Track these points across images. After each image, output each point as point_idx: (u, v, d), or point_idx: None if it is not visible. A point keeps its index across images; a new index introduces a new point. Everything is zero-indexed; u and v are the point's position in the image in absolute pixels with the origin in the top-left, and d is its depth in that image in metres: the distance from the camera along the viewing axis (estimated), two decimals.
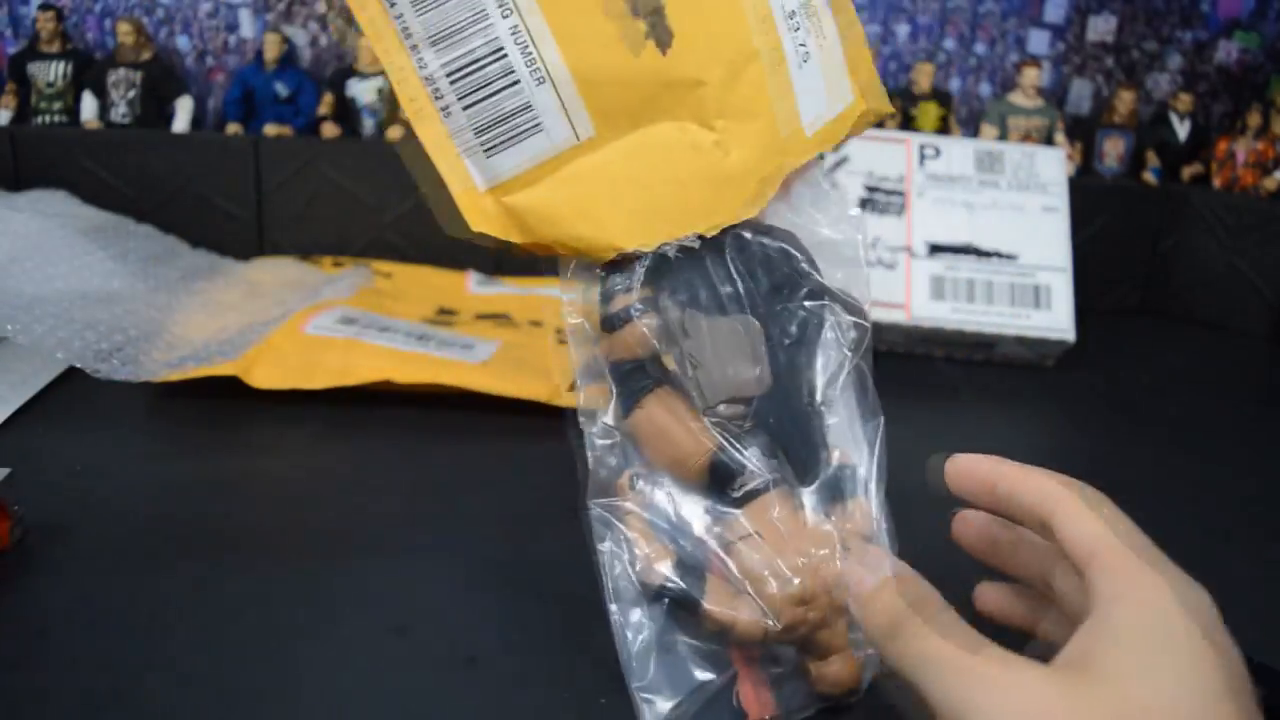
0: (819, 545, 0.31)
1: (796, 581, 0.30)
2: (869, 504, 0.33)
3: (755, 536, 0.31)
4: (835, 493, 0.33)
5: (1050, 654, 0.23)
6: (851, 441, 0.34)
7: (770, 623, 0.30)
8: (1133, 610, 0.22)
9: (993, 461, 0.28)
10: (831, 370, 0.34)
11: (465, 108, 0.31)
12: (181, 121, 0.80)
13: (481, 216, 0.31)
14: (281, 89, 0.81)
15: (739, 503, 0.31)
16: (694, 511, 0.32)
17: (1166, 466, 0.54)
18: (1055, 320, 0.68)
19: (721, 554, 0.31)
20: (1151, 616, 0.22)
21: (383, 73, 0.81)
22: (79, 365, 0.51)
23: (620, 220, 0.32)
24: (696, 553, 0.31)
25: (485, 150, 0.31)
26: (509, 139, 0.31)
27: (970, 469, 0.29)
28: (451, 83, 0.30)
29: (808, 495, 0.32)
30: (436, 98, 0.31)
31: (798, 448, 0.32)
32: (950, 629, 0.24)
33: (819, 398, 0.34)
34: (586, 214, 0.31)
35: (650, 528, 0.31)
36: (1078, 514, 0.25)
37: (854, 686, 0.31)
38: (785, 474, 0.32)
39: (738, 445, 0.31)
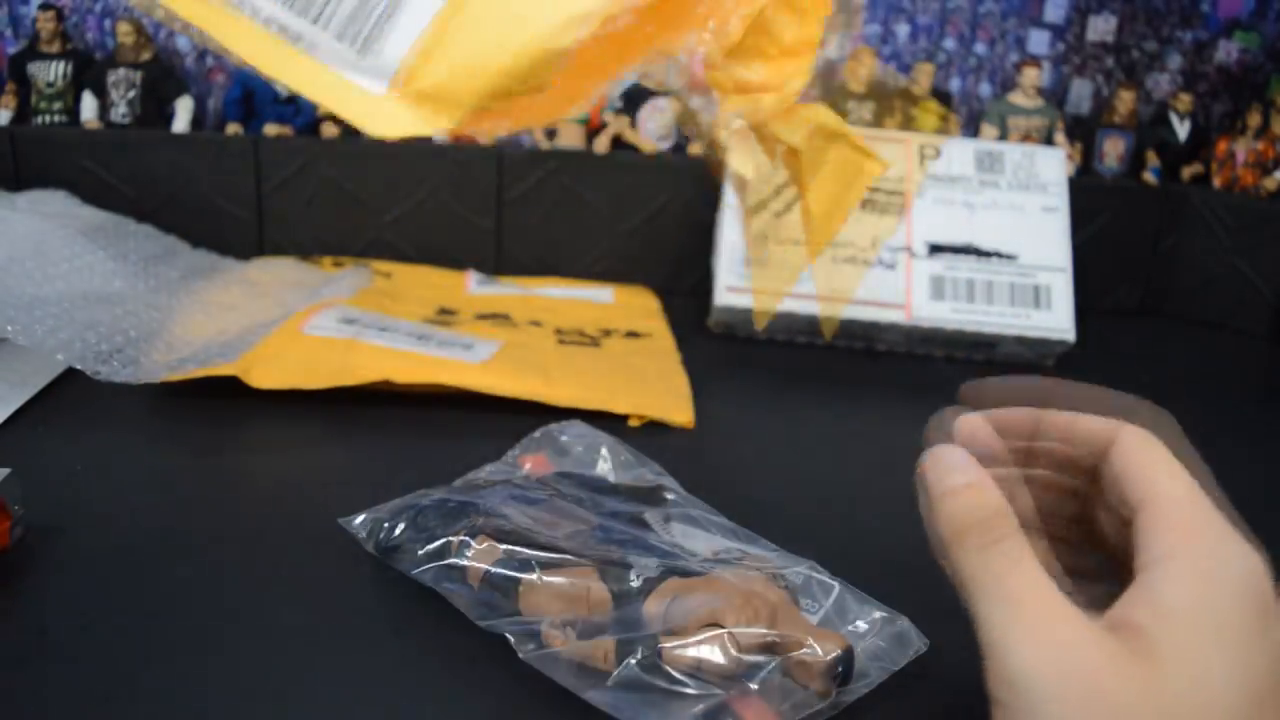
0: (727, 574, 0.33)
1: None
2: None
3: (678, 595, 0.33)
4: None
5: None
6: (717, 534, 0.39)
7: (733, 651, 0.31)
8: (1185, 582, 0.21)
9: (1030, 408, 0.27)
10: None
11: (317, 23, 0.27)
12: (181, 121, 0.80)
13: (400, 121, 0.27)
14: (282, 89, 0.81)
15: (643, 591, 0.34)
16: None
17: None
18: (1055, 320, 0.68)
19: (664, 616, 0.33)
20: (1204, 591, 0.21)
21: None
22: (79, 367, 0.51)
23: (549, 12, 0.27)
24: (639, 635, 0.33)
25: (359, 52, 0.27)
26: (376, 28, 0.27)
27: (1010, 416, 0.27)
28: (293, 10, 0.27)
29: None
30: (290, 38, 0.27)
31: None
32: (1014, 556, 0.23)
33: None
34: (504, 40, 0.27)
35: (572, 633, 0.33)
36: (1134, 453, 0.24)
37: (831, 665, 0.31)
38: (670, 562, 0.35)
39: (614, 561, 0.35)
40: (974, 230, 0.70)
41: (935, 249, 0.70)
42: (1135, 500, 0.23)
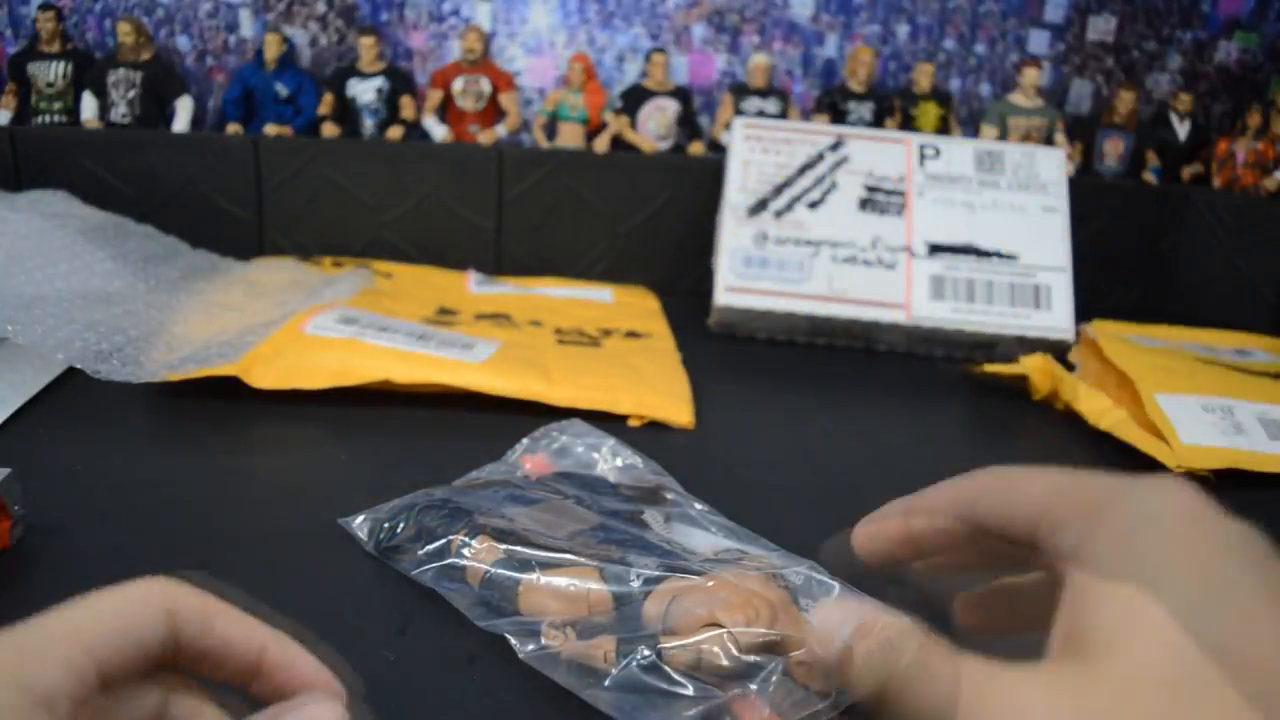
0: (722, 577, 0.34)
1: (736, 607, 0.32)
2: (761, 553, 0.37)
3: (678, 595, 0.33)
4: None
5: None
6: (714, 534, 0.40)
7: (731, 647, 0.31)
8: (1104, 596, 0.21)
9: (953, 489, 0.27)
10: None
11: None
12: (181, 121, 0.80)
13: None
14: (281, 89, 0.81)
15: (643, 592, 0.34)
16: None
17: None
18: (1055, 320, 0.68)
19: (665, 617, 0.33)
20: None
21: (382, 73, 0.81)
22: (79, 366, 0.51)
23: None
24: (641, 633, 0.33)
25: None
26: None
27: (935, 502, 0.27)
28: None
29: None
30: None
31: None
32: (940, 654, 0.23)
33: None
34: None
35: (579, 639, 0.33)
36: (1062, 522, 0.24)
37: (830, 668, 0.32)
38: (670, 561, 0.35)
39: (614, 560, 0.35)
40: (974, 230, 0.70)
41: (935, 249, 0.70)
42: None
